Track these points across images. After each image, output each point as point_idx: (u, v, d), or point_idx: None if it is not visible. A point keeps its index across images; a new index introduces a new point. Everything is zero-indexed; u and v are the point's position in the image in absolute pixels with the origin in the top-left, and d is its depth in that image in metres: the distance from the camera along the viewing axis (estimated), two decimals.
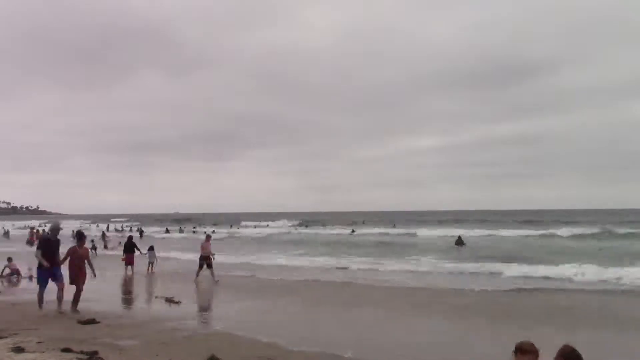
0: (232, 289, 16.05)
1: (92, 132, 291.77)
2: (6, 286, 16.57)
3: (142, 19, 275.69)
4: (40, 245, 11.71)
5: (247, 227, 68.85)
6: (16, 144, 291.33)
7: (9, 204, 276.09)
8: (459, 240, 34.54)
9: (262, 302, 13.53)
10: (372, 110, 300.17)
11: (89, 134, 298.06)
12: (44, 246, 11.38)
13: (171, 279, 18.47)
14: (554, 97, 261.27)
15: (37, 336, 8.41)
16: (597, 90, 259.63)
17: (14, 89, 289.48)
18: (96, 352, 7.31)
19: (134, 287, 17.36)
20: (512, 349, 3.82)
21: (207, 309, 13.23)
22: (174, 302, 13.12)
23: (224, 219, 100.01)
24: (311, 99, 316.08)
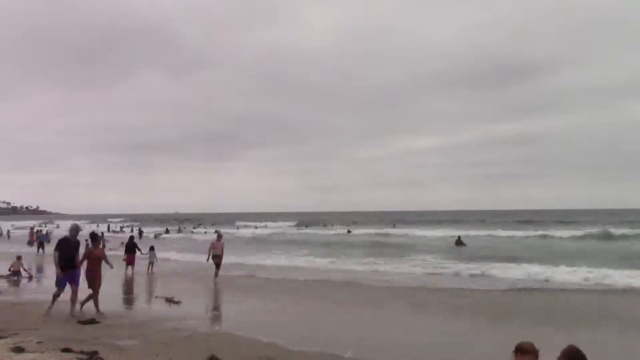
0: (232, 289, 16.08)
1: (92, 132, 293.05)
2: (6, 286, 16.55)
3: (142, 19, 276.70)
4: (58, 246, 10.80)
5: (244, 228, 67.20)
6: (16, 144, 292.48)
7: (9, 204, 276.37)
8: (459, 240, 34.53)
9: (262, 302, 13.54)
10: (372, 110, 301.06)
11: (89, 134, 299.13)
12: (62, 247, 10.69)
13: (171, 279, 18.48)
14: (554, 97, 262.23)
15: (37, 336, 8.40)
16: (597, 90, 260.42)
17: (14, 89, 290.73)
18: (96, 352, 7.32)
19: (134, 287, 17.36)
20: (512, 349, 3.81)
21: (207, 309, 13.21)
22: (174, 302, 13.12)
23: (224, 219, 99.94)
24: (311, 99, 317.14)
